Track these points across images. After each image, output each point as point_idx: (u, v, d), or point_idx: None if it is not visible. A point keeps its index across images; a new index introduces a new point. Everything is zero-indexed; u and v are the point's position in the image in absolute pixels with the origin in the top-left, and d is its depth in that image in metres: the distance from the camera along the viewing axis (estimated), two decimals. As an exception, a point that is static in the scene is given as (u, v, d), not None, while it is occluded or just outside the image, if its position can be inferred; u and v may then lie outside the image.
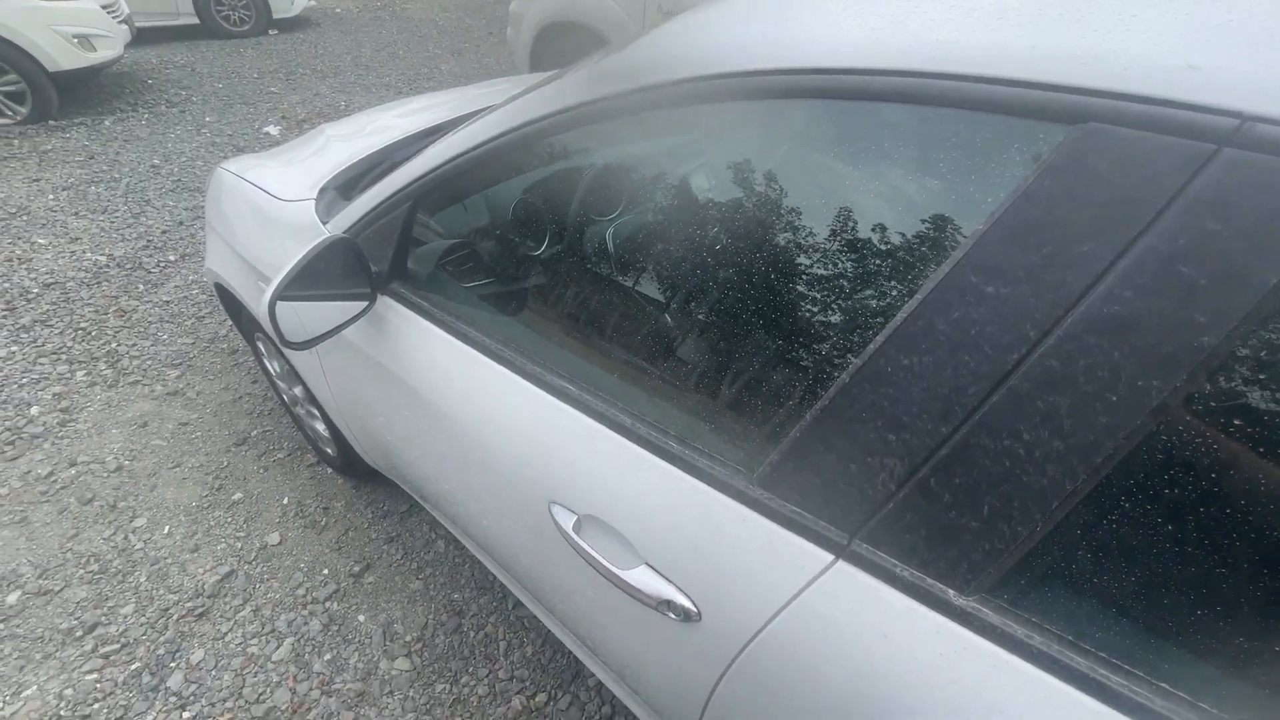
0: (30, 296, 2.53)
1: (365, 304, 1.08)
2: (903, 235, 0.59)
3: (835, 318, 0.65)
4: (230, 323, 2.43)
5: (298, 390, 1.71)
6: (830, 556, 0.59)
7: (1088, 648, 0.48)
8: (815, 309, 0.67)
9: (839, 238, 0.64)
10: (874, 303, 0.60)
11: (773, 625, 0.63)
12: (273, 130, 4.24)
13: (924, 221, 0.57)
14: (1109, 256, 0.45)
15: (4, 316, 2.41)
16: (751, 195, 0.72)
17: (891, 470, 0.55)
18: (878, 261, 0.61)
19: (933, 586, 0.53)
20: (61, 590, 1.57)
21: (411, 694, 1.41)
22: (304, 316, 1.08)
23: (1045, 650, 0.49)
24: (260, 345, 1.80)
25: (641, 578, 0.73)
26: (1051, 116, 0.48)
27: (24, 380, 2.15)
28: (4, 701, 1.35)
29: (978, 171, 0.53)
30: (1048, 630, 0.49)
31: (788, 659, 0.62)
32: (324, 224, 1.22)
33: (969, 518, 0.51)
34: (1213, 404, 0.43)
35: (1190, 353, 0.42)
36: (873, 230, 0.61)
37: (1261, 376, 0.41)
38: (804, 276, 0.68)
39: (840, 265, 0.64)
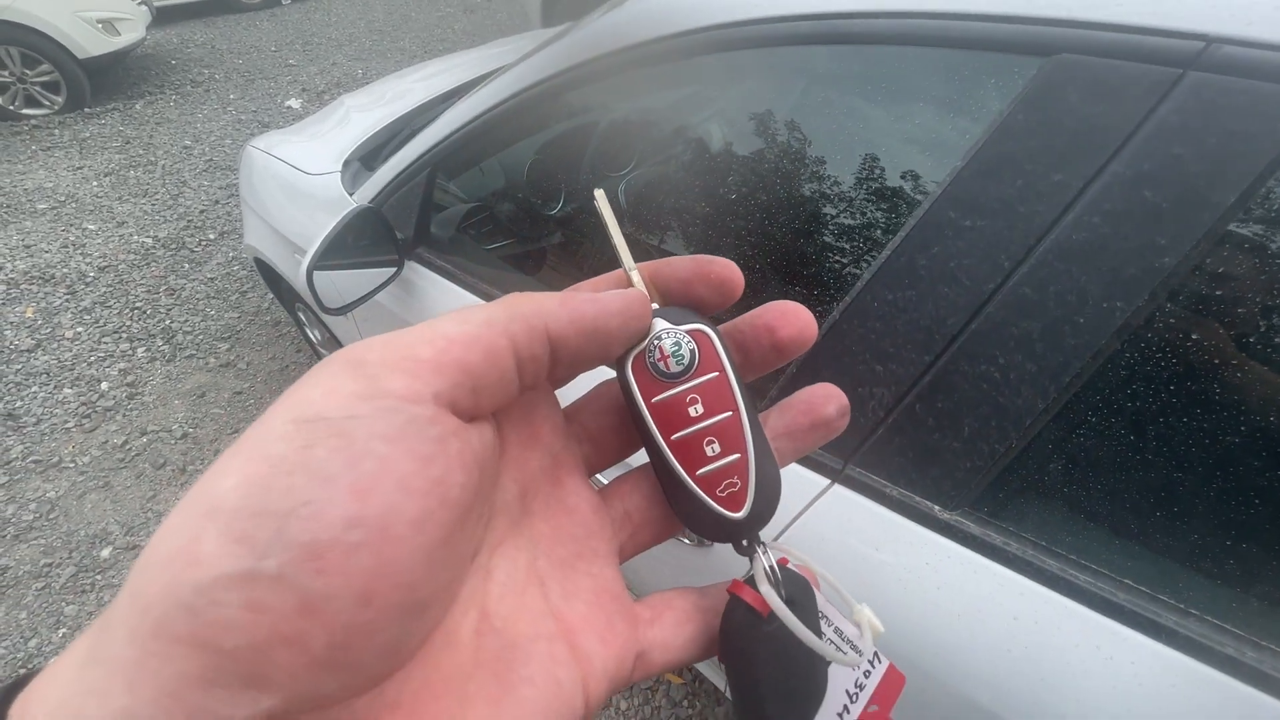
0: (88, 280, 2.69)
1: (394, 270, 1.14)
2: (887, 176, 0.61)
3: (827, 257, 0.68)
4: (272, 295, 2.55)
5: (339, 356, 1.81)
6: (827, 481, 0.64)
7: (1059, 551, 0.52)
8: (808, 249, 0.70)
9: (827, 181, 0.67)
10: (861, 242, 0.63)
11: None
12: (294, 104, 4.29)
13: (907, 161, 0.59)
14: (1078, 185, 0.47)
15: (67, 300, 2.58)
16: (742, 145, 0.75)
17: (880, 399, 0.59)
18: (864, 202, 0.63)
19: (919, 503, 0.58)
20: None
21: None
22: (339, 285, 1.15)
23: (1020, 555, 0.53)
24: (302, 315, 1.90)
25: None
26: (1025, 50, 0.50)
27: (92, 358, 2.32)
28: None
29: (956, 109, 0.55)
30: (1023, 537, 0.54)
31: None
32: (350, 195, 1.28)
33: (951, 439, 0.55)
34: (1172, 321, 0.45)
35: (1151, 274, 0.45)
36: (859, 172, 0.64)
37: (1218, 293, 0.44)
38: (796, 219, 0.71)
39: (829, 206, 0.67)
